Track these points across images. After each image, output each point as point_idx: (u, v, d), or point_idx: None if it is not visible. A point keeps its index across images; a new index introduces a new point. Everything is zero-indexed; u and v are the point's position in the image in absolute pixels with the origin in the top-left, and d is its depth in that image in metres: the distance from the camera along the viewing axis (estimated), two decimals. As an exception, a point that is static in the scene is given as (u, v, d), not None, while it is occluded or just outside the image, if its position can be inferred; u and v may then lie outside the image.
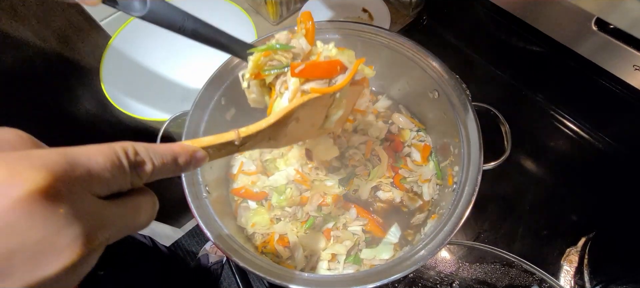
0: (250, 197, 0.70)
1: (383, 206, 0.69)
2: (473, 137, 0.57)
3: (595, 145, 0.77)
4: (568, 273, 0.65)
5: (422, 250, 0.50)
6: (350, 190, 0.70)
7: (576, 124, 0.79)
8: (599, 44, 0.62)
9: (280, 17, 1.00)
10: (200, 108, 0.63)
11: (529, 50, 0.78)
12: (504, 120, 0.60)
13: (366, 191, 0.70)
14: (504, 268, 0.64)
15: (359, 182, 0.71)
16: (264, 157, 0.74)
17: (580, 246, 0.66)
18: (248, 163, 0.74)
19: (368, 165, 0.72)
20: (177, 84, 0.92)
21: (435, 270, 0.66)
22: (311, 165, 0.72)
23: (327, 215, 0.67)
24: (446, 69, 0.63)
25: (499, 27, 0.81)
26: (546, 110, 0.82)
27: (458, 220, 0.51)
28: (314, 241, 0.65)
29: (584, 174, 0.75)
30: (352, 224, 0.67)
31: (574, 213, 0.71)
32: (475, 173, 0.54)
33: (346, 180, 0.71)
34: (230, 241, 0.54)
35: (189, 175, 0.57)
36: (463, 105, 0.60)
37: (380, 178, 0.71)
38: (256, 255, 0.56)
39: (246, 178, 0.72)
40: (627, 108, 0.67)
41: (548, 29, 0.69)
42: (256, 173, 0.72)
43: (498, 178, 0.57)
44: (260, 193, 0.71)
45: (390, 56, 0.69)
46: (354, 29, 0.69)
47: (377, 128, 0.76)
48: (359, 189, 0.70)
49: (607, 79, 0.66)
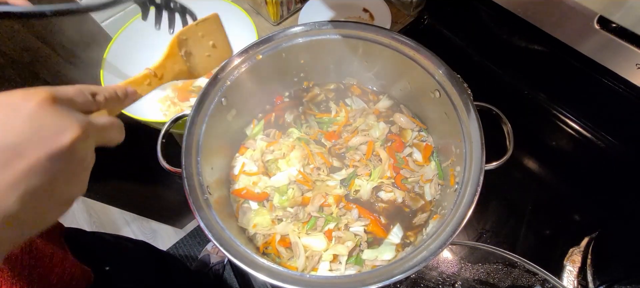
0: (251, 198, 0.70)
1: (385, 206, 0.69)
2: (475, 137, 0.57)
3: (598, 145, 0.77)
4: (571, 274, 0.64)
5: (424, 251, 0.50)
6: (352, 191, 0.70)
7: (579, 123, 0.79)
8: (602, 43, 0.62)
9: (281, 17, 1.00)
10: (201, 109, 0.62)
11: (531, 49, 0.77)
12: (506, 119, 0.59)
13: (367, 192, 0.70)
14: (507, 268, 0.64)
15: (360, 183, 0.70)
16: (265, 157, 0.74)
17: (583, 246, 0.66)
18: (250, 163, 0.74)
19: (369, 166, 0.72)
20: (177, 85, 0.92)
21: (437, 271, 0.66)
22: (313, 166, 0.72)
23: (329, 216, 0.67)
24: (447, 69, 0.62)
25: (500, 26, 0.81)
26: (548, 109, 0.82)
27: (460, 220, 0.51)
28: (316, 242, 0.64)
29: (587, 174, 0.75)
30: (354, 225, 0.67)
31: (577, 213, 0.71)
32: (478, 173, 0.54)
33: (347, 181, 0.71)
34: (231, 242, 0.54)
35: (190, 176, 0.57)
36: (465, 105, 0.60)
37: (381, 179, 0.71)
38: (257, 256, 0.56)
39: (247, 179, 0.72)
40: (630, 107, 0.67)
41: (550, 28, 0.69)
42: (258, 174, 0.72)
43: (500, 178, 0.56)
44: (261, 194, 0.70)
45: (391, 56, 0.69)
46: (355, 29, 0.69)
47: (378, 128, 0.76)
48: (360, 190, 0.70)
49: (610, 78, 0.66)
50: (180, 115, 0.62)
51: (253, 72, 0.69)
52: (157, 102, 0.88)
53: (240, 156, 0.75)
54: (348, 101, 0.81)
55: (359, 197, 0.70)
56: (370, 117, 0.78)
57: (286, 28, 0.69)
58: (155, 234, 1.80)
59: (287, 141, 0.75)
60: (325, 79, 0.82)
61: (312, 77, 0.81)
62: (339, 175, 0.71)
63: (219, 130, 0.67)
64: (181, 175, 0.56)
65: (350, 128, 0.77)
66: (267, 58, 0.69)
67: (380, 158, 0.73)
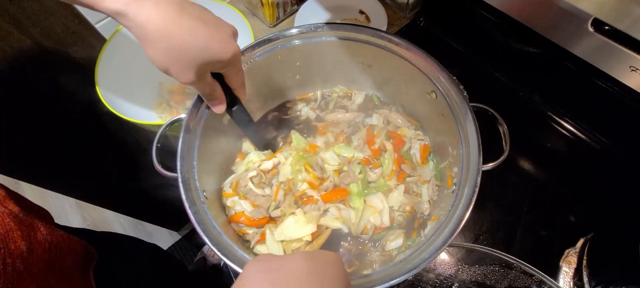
0: (251, 225, 0.64)
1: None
2: (472, 138, 0.57)
3: (592, 146, 0.78)
4: (567, 275, 0.65)
5: (423, 253, 0.50)
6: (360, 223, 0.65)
7: (573, 125, 0.80)
8: (596, 45, 0.62)
9: (277, 19, 1.00)
10: (196, 112, 0.62)
11: (526, 51, 0.78)
12: (503, 120, 0.59)
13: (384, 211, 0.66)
14: (503, 270, 0.64)
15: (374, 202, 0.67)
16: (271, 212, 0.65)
17: (579, 247, 0.66)
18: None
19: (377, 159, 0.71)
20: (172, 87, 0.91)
21: (434, 273, 0.66)
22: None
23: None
24: (444, 70, 0.63)
25: (495, 28, 0.81)
26: (543, 110, 0.82)
27: (458, 222, 0.51)
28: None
29: (582, 175, 0.75)
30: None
31: (572, 214, 0.71)
32: (475, 174, 0.54)
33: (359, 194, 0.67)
34: (228, 246, 0.54)
35: (186, 181, 0.56)
36: (461, 106, 0.60)
37: (388, 177, 0.70)
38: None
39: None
40: (624, 108, 0.67)
41: (545, 30, 0.69)
42: (259, 224, 0.64)
43: (496, 179, 0.57)
44: (262, 219, 0.64)
45: (387, 58, 0.69)
46: (351, 31, 0.69)
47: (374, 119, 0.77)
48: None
49: (604, 80, 0.66)
50: (175, 119, 0.62)
51: (249, 75, 0.69)
52: (151, 104, 0.87)
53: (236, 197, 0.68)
54: (346, 102, 0.81)
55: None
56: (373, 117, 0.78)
57: (282, 30, 0.69)
58: (151, 237, 1.78)
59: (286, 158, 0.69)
60: (320, 81, 0.82)
61: (308, 79, 0.81)
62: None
63: (215, 134, 0.67)
64: (177, 180, 0.56)
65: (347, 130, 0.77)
66: (263, 60, 0.69)
67: (385, 149, 0.72)
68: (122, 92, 0.80)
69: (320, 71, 0.78)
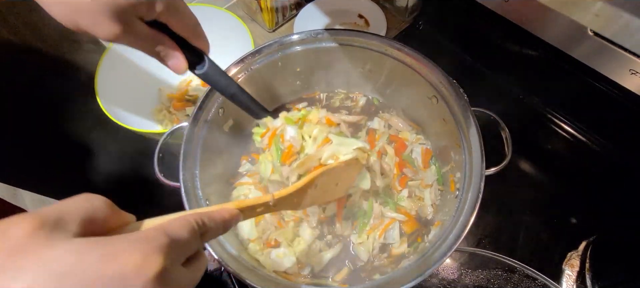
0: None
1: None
2: (474, 143, 0.57)
3: (593, 149, 0.78)
4: (570, 278, 0.65)
5: (429, 259, 0.50)
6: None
7: (574, 127, 0.80)
8: (595, 48, 0.62)
9: (276, 24, 1.00)
10: (198, 120, 0.62)
11: (526, 54, 0.78)
12: (504, 125, 0.59)
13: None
14: (506, 274, 0.64)
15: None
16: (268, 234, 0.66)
17: (582, 250, 0.66)
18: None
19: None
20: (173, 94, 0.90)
21: (438, 278, 0.66)
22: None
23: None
24: (444, 74, 0.63)
25: (494, 32, 0.81)
26: (544, 113, 0.83)
27: (463, 227, 0.50)
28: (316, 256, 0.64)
29: (583, 177, 0.75)
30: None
31: (574, 217, 0.71)
32: (478, 180, 0.54)
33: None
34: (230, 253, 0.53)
35: (188, 190, 0.56)
36: (463, 111, 0.60)
37: (390, 179, 0.69)
38: (255, 266, 0.55)
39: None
40: (625, 111, 0.68)
41: (544, 34, 0.69)
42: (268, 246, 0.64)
43: (498, 183, 0.57)
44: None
45: (387, 62, 0.69)
46: (350, 36, 0.69)
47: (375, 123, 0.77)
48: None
49: (604, 83, 0.66)
50: (177, 127, 0.62)
51: (250, 81, 0.69)
52: (151, 112, 0.87)
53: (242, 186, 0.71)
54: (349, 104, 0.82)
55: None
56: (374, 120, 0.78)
57: (282, 37, 0.69)
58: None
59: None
60: (321, 86, 0.82)
61: (308, 85, 0.80)
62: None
63: (216, 142, 0.67)
64: (179, 188, 0.55)
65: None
66: (263, 67, 0.69)
67: (386, 152, 0.72)
68: (122, 100, 0.80)
69: (321, 76, 0.78)
